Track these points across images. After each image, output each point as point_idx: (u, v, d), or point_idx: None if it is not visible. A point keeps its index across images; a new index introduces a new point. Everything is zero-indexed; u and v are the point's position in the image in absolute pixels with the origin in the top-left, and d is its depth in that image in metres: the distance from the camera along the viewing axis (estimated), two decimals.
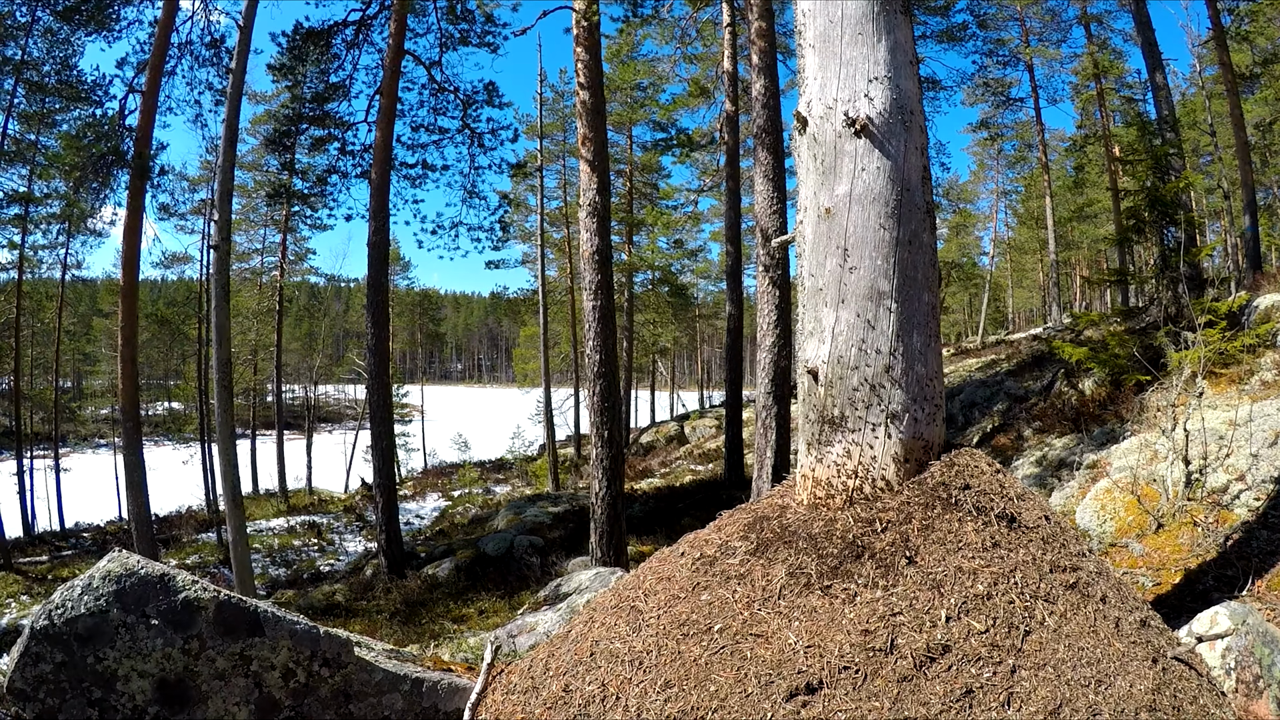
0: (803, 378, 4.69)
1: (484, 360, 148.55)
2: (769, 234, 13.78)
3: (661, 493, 21.71)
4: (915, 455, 4.44)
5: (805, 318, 4.70)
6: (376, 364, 18.35)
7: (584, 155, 13.41)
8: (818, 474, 4.48)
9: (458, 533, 22.87)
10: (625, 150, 33.31)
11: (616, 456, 12.50)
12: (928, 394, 4.52)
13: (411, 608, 15.29)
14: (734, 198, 21.31)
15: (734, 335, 20.81)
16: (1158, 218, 15.89)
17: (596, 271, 12.64)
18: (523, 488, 31.92)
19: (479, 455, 44.34)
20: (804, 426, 4.65)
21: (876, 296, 4.45)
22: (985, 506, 4.17)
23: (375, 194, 18.50)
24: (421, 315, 55.46)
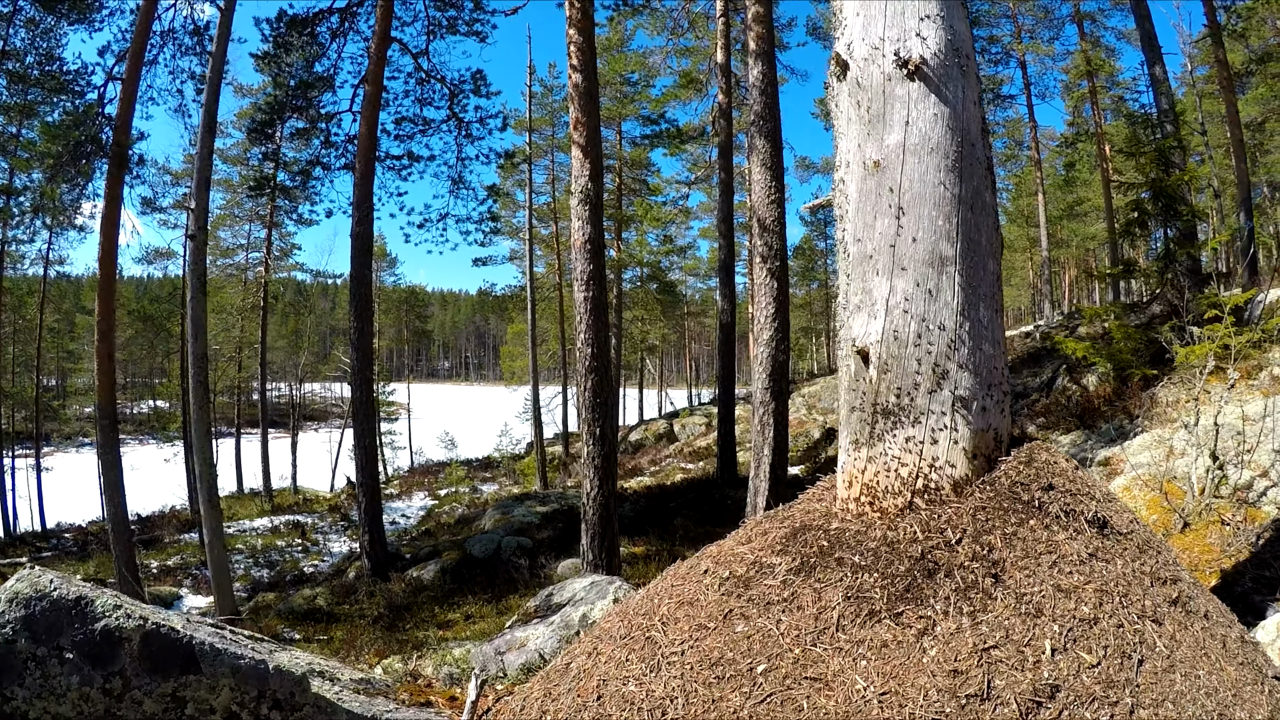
0: (847, 361, 3.91)
1: (471, 358, 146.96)
2: (767, 224, 13.04)
3: (652, 492, 20.95)
4: (985, 450, 3.67)
5: (851, 290, 3.92)
6: (359, 359, 17.49)
7: (576, 140, 12.60)
8: (869, 475, 3.69)
9: (444, 533, 22.05)
10: (615, 146, 32.46)
11: (609, 455, 11.71)
12: (996, 377, 3.76)
13: (395, 612, 14.48)
14: (727, 191, 20.56)
15: (727, 331, 20.08)
16: (1161, 210, 15.28)
17: (589, 261, 11.83)
18: (510, 486, 31.14)
19: (466, 454, 43.40)
20: (849, 419, 3.87)
21: (939, 263, 3.67)
22: (1074, 510, 3.42)
23: (359, 184, 17.65)
24: (408, 312, 54.43)
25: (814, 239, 51.33)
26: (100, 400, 16.38)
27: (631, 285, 35.70)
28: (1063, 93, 32.47)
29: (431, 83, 21.03)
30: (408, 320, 54.88)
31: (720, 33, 20.68)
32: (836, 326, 4.08)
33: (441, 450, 43.37)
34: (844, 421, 3.97)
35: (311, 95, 20.59)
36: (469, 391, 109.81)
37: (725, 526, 15.54)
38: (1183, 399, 12.98)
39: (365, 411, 18.11)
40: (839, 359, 4.07)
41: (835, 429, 24.10)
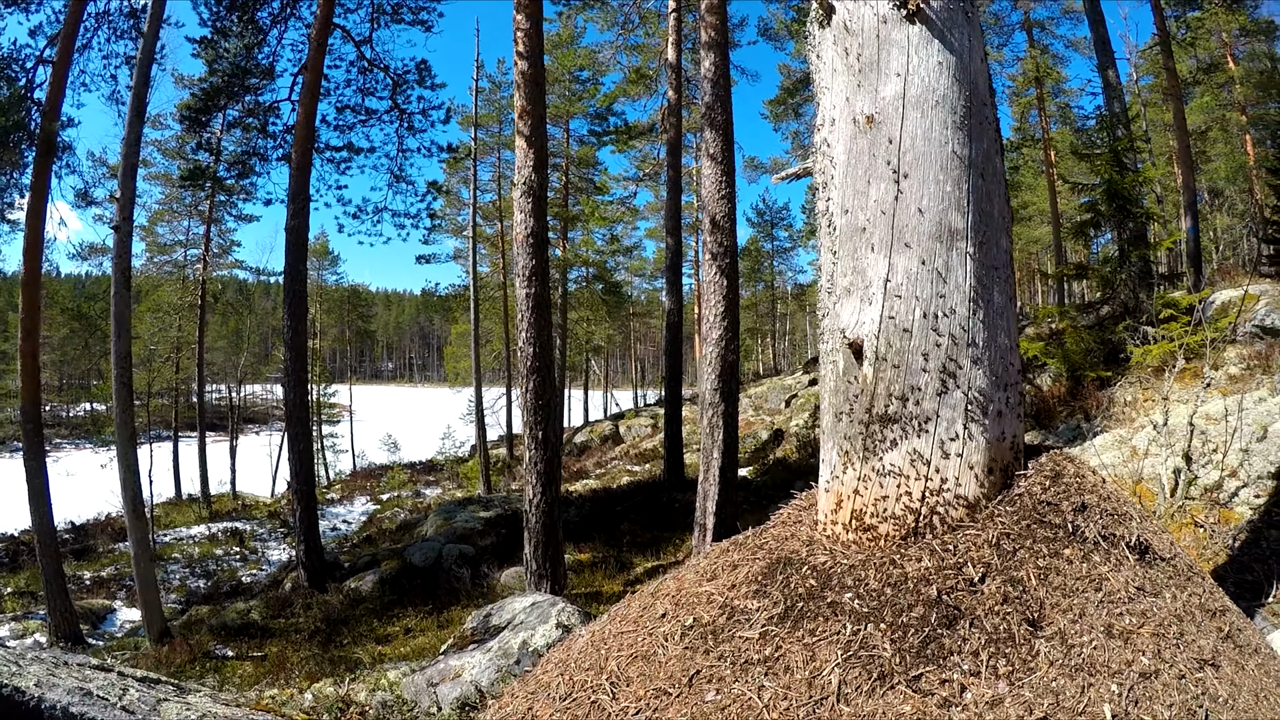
0: (833, 356, 3.22)
1: (415, 359, 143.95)
2: (717, 220, 12.41)
3: (598, 495, 20.20)
4: (1001, 463, 3.02)
5: (838, 270, 3.23)
6: (293, 359, 16.45)
7: (521, 130, 11.86)
8: (863, 495, 3.00)
9: (385, 539, 21.06)
10: (562, 144, 31.61)
11: (552, 459, 10.97)
12: (1011, 375, 3.11)
13: (332, 626, 13.55)
14: (675, 189, 19.87)
15: (673, 331, 19.37)
16: (1115, 211, 14.99)
17: (531, 256, 11.10)
18: (454, 490, 30.13)
19: (409, 456, 42.13)
20: (835, 427, 3.18)
21: (948, 236, 3.00)
22: (1113, 534, 2.80)
23: (295, 175, 16.60)
24: (351, 312, 52.75)
25: (761, 240, 51.04)
26: (24, 403, 15.20)
27: (577, 285, 34.87)
28: (1010, 99, 32.47)
29: (374, 72, 20.00)
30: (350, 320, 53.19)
31: (672, 29, 20.02)
32: (819, 314, 3.38)
33: (384, 453, 42.10)
34: (827, 430, 3.28)
35: (249, 83, 19.47)
36: (413, 393, 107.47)
37: (674, 531, 14.92)
38: (1141, 399, 12.68)
39: (300, 414, 17.07)
40: (821, 354, 3.37)
41: (783, 430, 23.65)
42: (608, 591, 12.13)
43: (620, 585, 12.41)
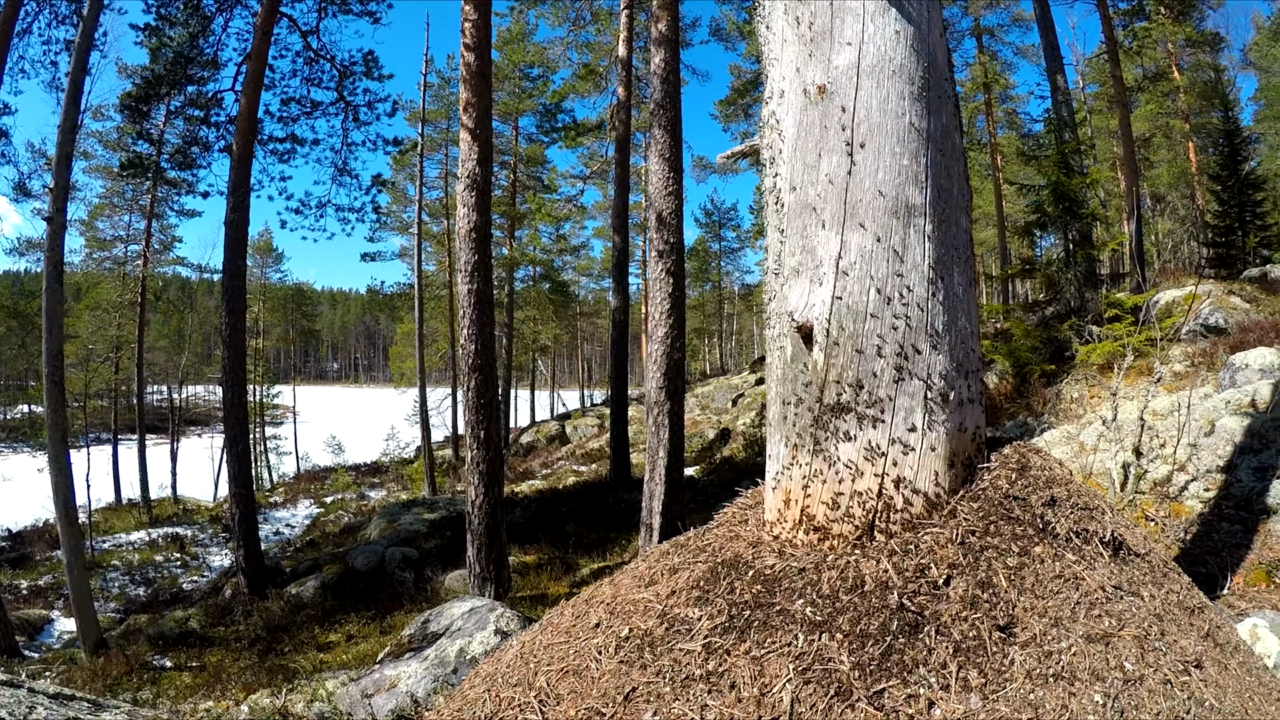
0: (780, 342, 2.98)
1: (361, 359, 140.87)
2: (664, 217, 12.17)
3: (544, 496, 19.83)
4: (963, 455, 2.80)
5: (785, 250, 2.98)
6: (232, 358, 15.87)
7: (465, 123, 11.52)
8: (814, 492, 2.76)
9: (329, 543, 20.47)
10: (510, 141, 31.20)
11: (495, 459, 10.64)
12: (972, 361, 2.91)
13: (272, 634, 13.04)
14: (622, 188, 19.60)
15: (619, 330, 19.04)
16: (1062, 212, 15.07)
17: (474, 251, 10.75)
18: (399, 492, 29.43)
19: (354, 458, 41.12)
20: (782, 418, 2.94)
21: (905, 213, 2.78)
22: (1086, 530, 2.61)
23: (236, 166, 15.96)
24: (295, 311, 51.55)
25: (708, 240, 51.01)
26: None
27: (524, 285, 34.41)
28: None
29: (321, 63, 19.34)
30: (294, 319, 52.00)
31: (623, 25, 19.77)
32: (765, 297, 3.14)
33: (328, 455, 41.07)
34: (774, 421, 3.03)
35: (192, 72, 18.77)
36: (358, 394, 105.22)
37: (620, 531, 14.63)
38: (1087, 395, 12.74)
39: (238, 414, 16.47)
40: (768, 340, 3.13)
41: (730, 429, 23.50)
42: (553, 594, 11.83)
43: (566, 587, 12.11)
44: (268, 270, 45.96)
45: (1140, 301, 14.23)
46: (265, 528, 25.45)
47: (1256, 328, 12.08)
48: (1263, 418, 8.62)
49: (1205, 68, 27.81)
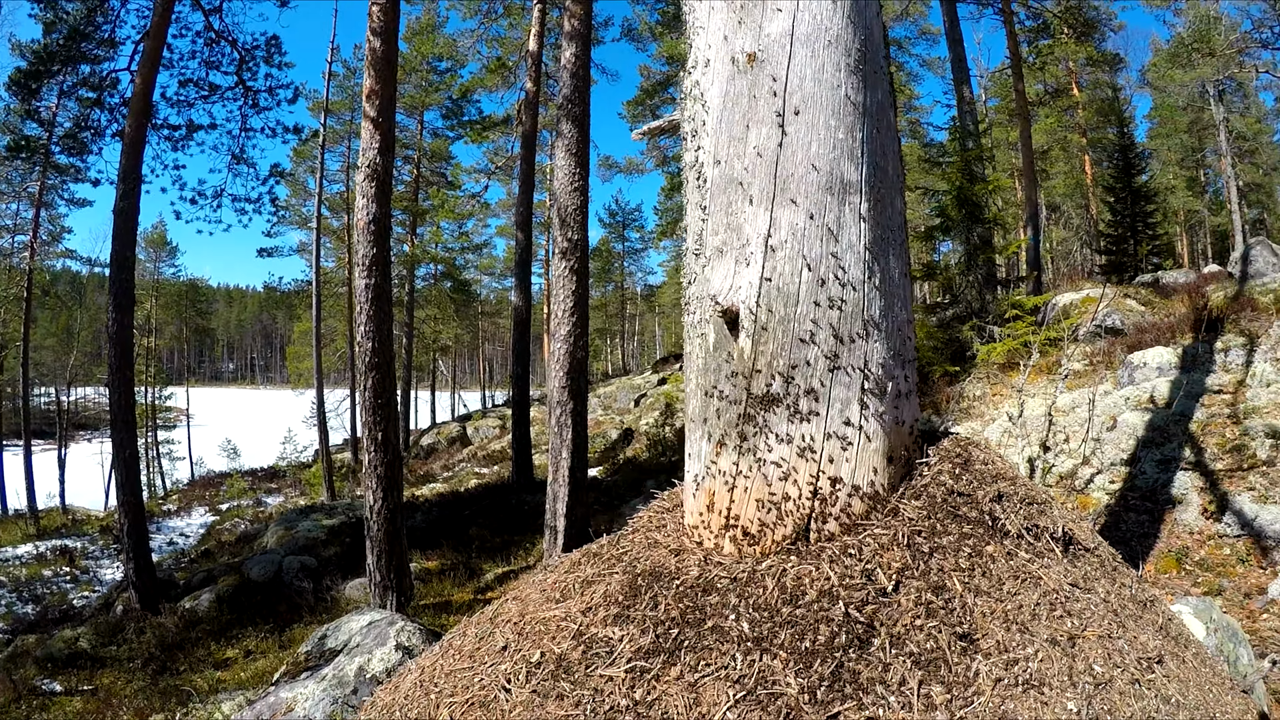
0: (701, 329, 2.73)
1: (258, 359, 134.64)
2: (568, 214, 11.90)
3: (446, 499, 19.24)
4: (902, 450, 2.61)
5: (708, 229, 2.73)
6: (119, 356, 14.84)
7: (368, 111, 11.02)
8: (742, 493, 2.52)
9: (225, 552, 19.48)
10: (415, 136, 30.33)
11: (393, 462, 10.18)
12: (909, 350, 2.72)
13: (168, 652, 12.24)
14: (527, 184, 19.18)
15: (521, 329, 18.56)
16: (965, 217, 15.33)
17: (372, 244, 10.29)
18: (296, 497, 28.24)
19: (251, 462, 39.20)
20: (704, 412, 2.69)
21: (840, 189, 2.56)
22: (1038, 526, 2.43)
23: (128, 150, 14.89)
24: (189, 308, 49.07)
25: (612, 240, 50.74)
26: None
27: (425, 283, 33.44)
28: None
29: (222, 44, 18.24)
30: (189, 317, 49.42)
31: (536, 19, 19.38)
32: (683, 281, 2.89)
33: (224, 460, 39.21)
34: (695, 416, 2.78)
35: (87, 49, 17.58)
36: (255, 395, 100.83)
37: (525, 534, 14.25)
38: (990, 393, 12.96)
39: (125, 417, 15.43)
40: (686, 328, 2.88)
41: (633, 430, 23.33)
42: (457, 600, 11.42)
43: (470, 594, 11.71)
44: (161, 265, 43.71)
45: (1040, 303, 14.59)
46: (159, 537, 24.19)
47: (1152, 328, 12.46)
48: (1163, 413, 8.87)
49: (1103, 86, 29.05)
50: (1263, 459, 7.51)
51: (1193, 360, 10.51)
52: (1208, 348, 10.77)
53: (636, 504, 15.59)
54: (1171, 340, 11.55)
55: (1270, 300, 12.56)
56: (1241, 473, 7.40)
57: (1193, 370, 10.21)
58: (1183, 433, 8.41)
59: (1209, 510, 7.09)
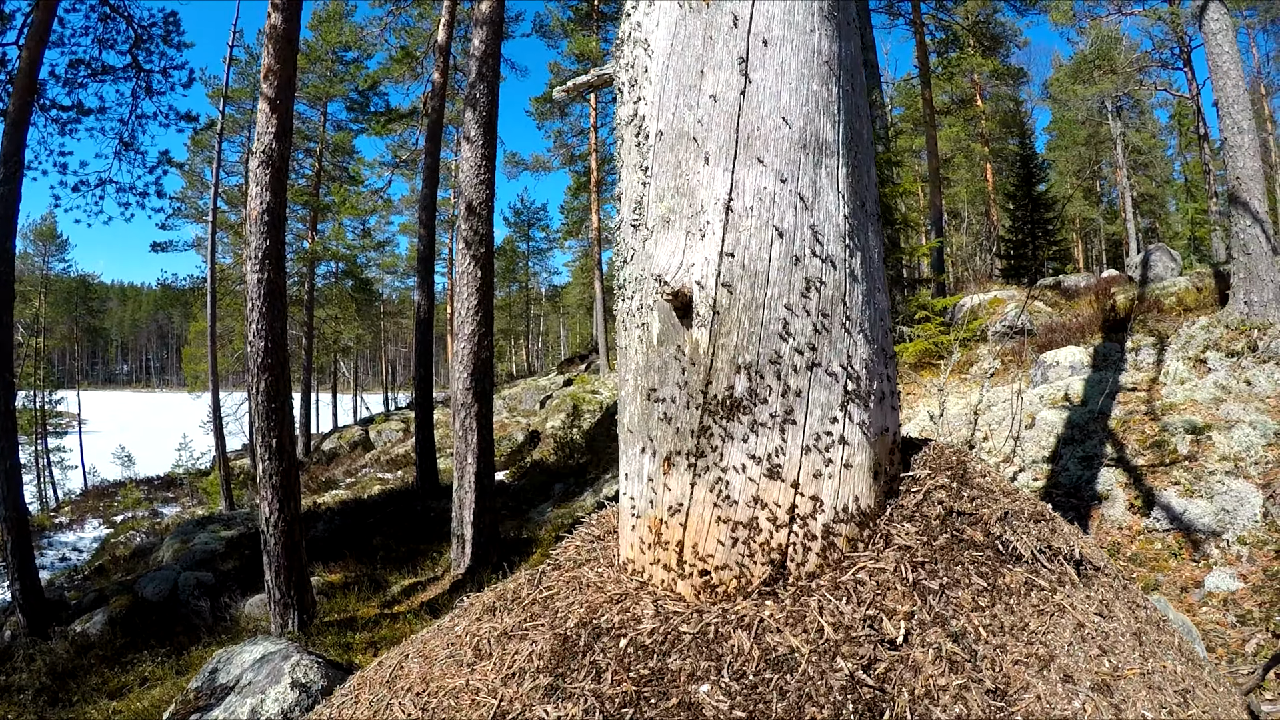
0: (642, 316, 2.22)
1: (154, 361, 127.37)
2: (474, 206, 11.31)
3: (348, 506, 18.28)
4: (886, 463, 2.15)
5: (651, 193, 2.23)
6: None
7: (265, 92, 10.21)
8: (698, 520, 2.03)
9: (119, 568, 18.12)
10: (318, 128, 28.96)
11: (289, 471, 9.41)
12: (890, 344, 2.26)
13: (59, 680, 11.17)
14: (431, 178, 18.34)
15: (424, 328, 17.67)
16: None
17: (266, 236, 9.50)
18: (194, 507, 26.63)
19: (147, 470, 36.64)
20: (648, 419, 2.18)
21: (815, 149, 2.09)
22: (1051, 548, 2.01)
23: (9, 132, 13.49)
24: (80, 306, 45.89)
25: (517, 240, 49.70)
26: None
27: (326, 281, 31.92)
28: None
29: (117, 21, 16.93)
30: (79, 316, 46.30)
31: (446, 10, 18.62)
32: (616, 259, 2.37)
33: (118, 468, 36.72)
34: (632, 425, 2.27)
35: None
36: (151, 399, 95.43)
37: (431, 543, 13.53)
38: (902, 393, 12.83)
39: (6, 424, 14.02)
40: (621, 317, 2.37)
41: (539, 432, 22.75)
42: (363, 616, 10.68)
43: (376, 608, 10.99)
44: (50, 259, 40.81)
45: (949, 304, 14.60)
46: (50, 553, 22.90)
47: (1061, 329, 12.55)
48: (1081, 411, 8.84)
49: (1006, 99, 29.82)
50: (1184, 454, 7.53)
51: (1104, 359, 10.61)
52: (1118, 347, 10.89)
53: (545, 508, 15.08)
54: (1082, 340, 11.65)
55: (1173, 302, 12.82)
56: (1164, 468, 7.40)
57: (1105, 369, 10.30)
58: (1103, 430, 8.43)
59: (1136, 506, 7.05)
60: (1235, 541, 6.52)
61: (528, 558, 11.07)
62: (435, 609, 10.16)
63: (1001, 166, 30.81)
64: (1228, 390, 8.74)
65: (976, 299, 15.49)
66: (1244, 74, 10.77)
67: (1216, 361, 9.51)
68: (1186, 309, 12.30)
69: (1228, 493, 6.86)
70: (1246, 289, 10.06)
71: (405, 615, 10.17)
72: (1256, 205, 10.11)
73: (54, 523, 28.27)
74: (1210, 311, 11.48)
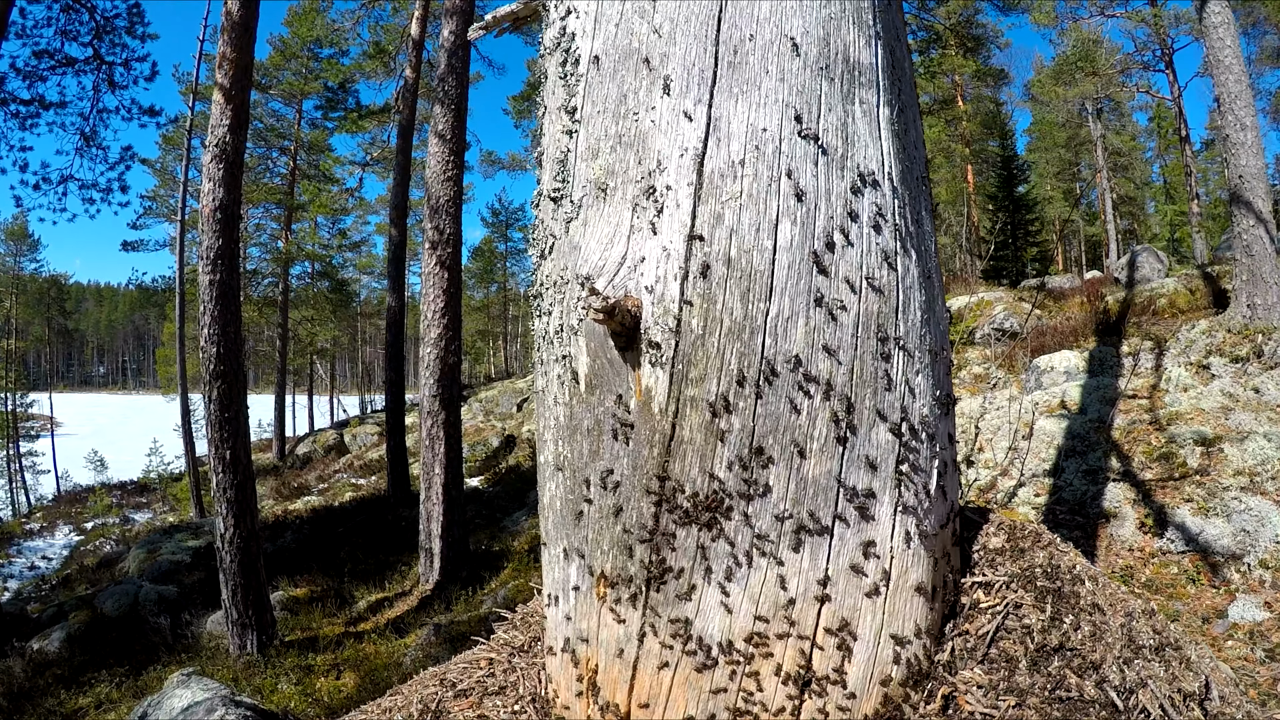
0: (564, 346, 1.37)
1: (130, 363, 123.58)
2: (440, 204, 10.60)
3: (319, 514, 17.44)
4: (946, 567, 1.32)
5: (581, 144, 1.40)
6: None
7: (219, 81, 9.46)
8: (652, 676, 1.17)
9: (85, 579, 17.30)
10: (293, 126, 27.85)
11: (245, 484, 8.64)
12: (950, 384, 1.40)
13: (16, 701, 10.51)
14: (403, 175, 17.52)
15: (395, 330, 16.77)
16: None
17: (218, 234, 8.75)
18: (166, 513, 25.56)
19: (121, 474, 35.04)
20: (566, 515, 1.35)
21: (844, 74, 1.27)
22: (1181, 690, 1.18)
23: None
24: (54, 307, 44.36)
25: (495, 240, 48.46)
26: None
27: (301, 282, 30.71)
28: None
29: (80, 11, 16.03)
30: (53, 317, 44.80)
31: (420, 3, 17.93)
32: (531, 251, 1.48)
33: (90, 473, 35.22)
34: (553, 520, 1.44)
35: None
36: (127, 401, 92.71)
37: (401, 554, 12.68)
38: None
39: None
40: (537, 345, 1.52)
41: (515, 436, 21.98)
42: (326, 634, 9.92)
43: (341, 625, 10.22)
44: (22, 259, 39.42)
45: None
46: (19, 561, 21.81)
47: (1052, 331, 11.89)
48: (1080, 419, 8.20)
49: (987, 100, 29.36)
50: (1194, 467, 6.84)
51: (1100, 364, 9.99)
52: (1113, 351, 10.29)
53: (520, 516, 14.27)
54: (1075, 344, 11.00)
55: (1165, 304, 12.22)
56: (1174, 483, 6.76)
57: (1102, 374, 9.70)
58: (1106, 441, 7.76)
59: (1147, 525, 6.37)
60: (1257, 565, 5.88)
61: (499, 572, 10.43)
62: (401, 628, 9.51)
63: (982, 168, 30.28)
64: (1235, 398, 8.08)
65: (961, 300, 14.77)
66: (1246, 69, 10.11)
67: (1220, 367, 8.85)
68: (1179, 311, 11.68)
69: (1246, 511, 6.25)
70: (1249, 291, 9.38)
71: (370, 634, 9.49)
72: (1260, 205, 9.44)
73: (25, 529, 27.37)
74: (1204, 314, 10.85)
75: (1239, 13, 21.84)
